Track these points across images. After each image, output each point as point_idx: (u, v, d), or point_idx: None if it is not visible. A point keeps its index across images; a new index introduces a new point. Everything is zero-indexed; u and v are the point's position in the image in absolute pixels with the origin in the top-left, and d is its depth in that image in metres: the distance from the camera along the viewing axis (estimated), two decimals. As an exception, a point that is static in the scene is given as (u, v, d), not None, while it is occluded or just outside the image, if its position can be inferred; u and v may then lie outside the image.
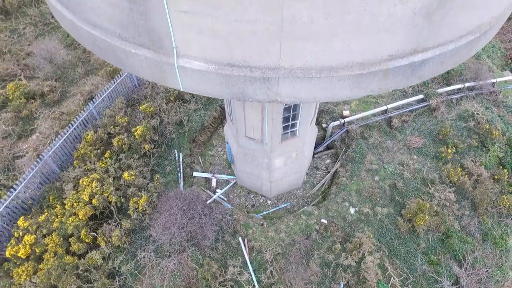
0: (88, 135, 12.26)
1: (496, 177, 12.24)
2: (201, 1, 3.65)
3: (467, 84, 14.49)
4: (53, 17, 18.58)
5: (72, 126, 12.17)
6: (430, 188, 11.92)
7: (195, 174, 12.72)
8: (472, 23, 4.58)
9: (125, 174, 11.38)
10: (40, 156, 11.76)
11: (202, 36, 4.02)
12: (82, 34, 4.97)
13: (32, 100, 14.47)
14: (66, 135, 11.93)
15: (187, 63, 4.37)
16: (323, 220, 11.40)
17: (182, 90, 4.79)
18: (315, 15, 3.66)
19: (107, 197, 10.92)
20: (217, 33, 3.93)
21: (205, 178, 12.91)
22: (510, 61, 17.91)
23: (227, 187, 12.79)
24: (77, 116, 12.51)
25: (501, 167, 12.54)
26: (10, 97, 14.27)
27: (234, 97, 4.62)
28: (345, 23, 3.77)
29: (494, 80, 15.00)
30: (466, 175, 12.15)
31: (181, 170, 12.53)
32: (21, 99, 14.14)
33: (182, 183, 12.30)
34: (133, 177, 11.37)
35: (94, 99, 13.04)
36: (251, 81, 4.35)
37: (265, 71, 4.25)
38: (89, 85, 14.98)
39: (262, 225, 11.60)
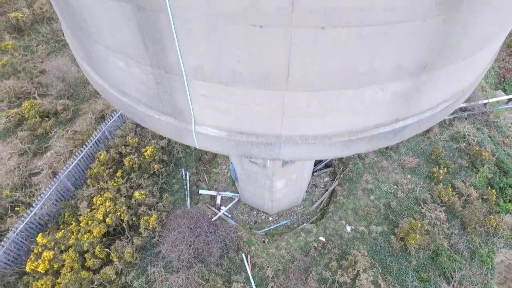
0: (101, 155, 13.06)
1: (484, 197, 13.00)
2: (217, 89, 4.44)
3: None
4: (63, 34, 19.37)
5: (86, 146, 12.97)
6: (422, 208, 12.69)
7: (201, 191, 13.53)
8: (446, 94, 5.35)
9: (136, 194, 12.19)
10: (56, 175, 12.58)
11: (217, 112, 4.81)
12: (111, 97, 5.76)
13: (46, 118, 15.28)
14: (80, 156, 12.73)
15: (203, 129, 5.16)
16: (321, 238, 12.19)
17: (197, 147, 5.59)
18: (312, 102, 4.44)
19: (120, 215, 11.73)
20: (229, 111, 4.72)
21: (210, 195, 13.71)
22: (503, 79, 18.63)
23: (231, 204, 13.58)
24: (90, 138, 13.30)
25: (489, 187, 13.29)
26: (26, 116, 15.08)
27: (242, 155, 5.41)
28: (337, 107, 4.56)
29: (486, 101, 15.74)
30: (457, 195, 12.92)
31: (188, 188, 13.33)
32: (36, 118, 14.95)
33: (189, 200, 13.11)
34: (144, 196, 12.18)
35: (106, 120, 13.84)
36: (257, 145, 5.14)
37: (268, 138, 5.04)
38: (100, 104, 15.78)
39: (264, 241, 12.40)
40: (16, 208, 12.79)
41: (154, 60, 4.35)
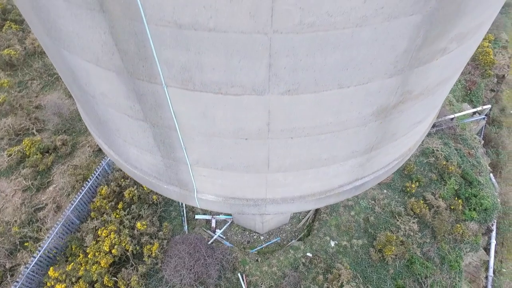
0: (102, 189, 14.22)
1: (452, 207, 14.62)
2: (214, 172, 5.77)
3: (428, 122, 16.86)
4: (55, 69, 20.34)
5: (89, 182, 14.11)
6: (397, 220, 14.23)
7: (197, 217, 14.81)
8: (394, 157, 6.79)
9: (138, 224, 13.40)
10: (60, 209, 13.69)
11: (214, 185, 6.14)
12: (124, 168, 7.03)
13: (47, 154, 16.31)
14: (83, 192, 13.87)
15: (203, 196, 6.48)
16: (308, 254, 13.62)
17: (199, 207, 6.91)
18: (287, 177, 5.81)
19: (124, 246, 12.93)
20: (224, 185, 6.06)
21: (206, 219, 15.00)
22: (469, 91, 20.37)
23: (225, 226, 14.90)
24: (92, 173, 14.43)
25: (456, 198, 14.92)
26: (27, 153, 16.10)
27: (235, 212, 6.75)
28: (308, 179, 5.94)
29: (452, 116, 17.40)
30: (427, 207, 14.50)
31: (185, 214, 14.60)
32: (37, 154, 15.99)
33: (186, 226, 14.38)
34: (145, 226, 13.40)
35: (105, 155, 14.98)
36: (247, 206, 6.49)
37: (256, 201, 6.40)
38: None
39: (257, 260, 13.76)
40: (25, 244, 13.85)
41: (164, 153, 5.65)
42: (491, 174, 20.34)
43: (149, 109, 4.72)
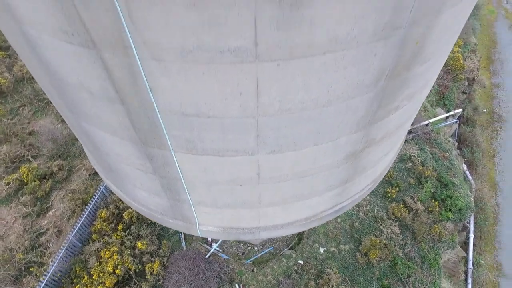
0: (102, 212, 15.03)
1: (430, 209, 15.90)
2: (214, 210, 6.75)
3: (405, 130, 18.13)
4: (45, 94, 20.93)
5: (88, 207, 14.89)
6: (380, 224, 15.43)
7: (193, 232, 15.71)
8: (368, 181, 7.88)
9: (139, 244, 14.26)
10: (62, 233, 14.44)
11: (214, 219, 7.13)
12: (131, 205, 7.96)
13: (44, 180, 16.98)
14: (84, 216, 14.65)
15: (204, 227, 7.46)
16: (300, 261, 14.70)
17: (200, 236, 7.88)
18: (277, 210, 6.84)
19: (127, 266, 13.78)
20: (223, 218, 7.05)
21: (202, 234, 15.92)
22: (442, 96, 21.77)
23: (221, 240, 15.86)
24: (91, 199, 15.21)
25: (433, 200, 16.21)
26: (25, 180, 16.74)
27: (233, 239, 7.74)
28: (294, 210, 6.97)
29: (427, 122, 18.71)
30: (407, 210, 15.74)
31: (182, 232, 15.50)
32: (35, 181, 16.64)
33: (184, 242, 15.29)
34: (145, 245, 14.27)
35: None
36: (243, 233, 7.49)
37: (251, 229, 7.40)
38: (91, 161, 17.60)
39: (253, 270, 14.78)
40: (30, 269, 14.56)
41: (170, 196, 6.61)
42: (468, 172, 21.84)
43: (158, 166, 5.68)
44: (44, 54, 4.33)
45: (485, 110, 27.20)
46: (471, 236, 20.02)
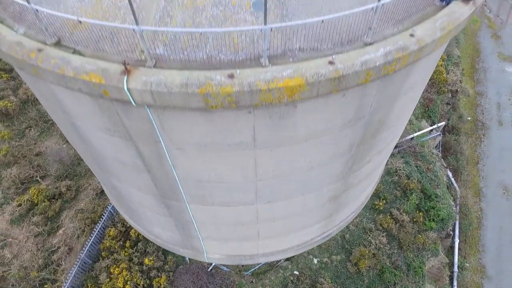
0: (110, 231, 16.20)
1: (414, 219, 17.27)
2: (220, 242, 8.01)
3: (391, 144, 19.48)
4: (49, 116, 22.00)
5: (97, 227, 16.06)
6: (369, 236, 16.75)
7: (196, 247, 16.95)
8: (351, 211, 9.17)
9: (146, 260, 15.47)
10: (77, 254, 15.61)
11: (220, 249, 8.39)
12: (145, 235, 9.18)
13: (53, 200, 18.10)
14: (94, 235, 15.81)
15: (211, 255, 8.72)
16: (295, 272, 16.00)
17: (207, 261, 9.13)
18: (272, 241, 8.11)
19: (136, 281, 14.98)
20: (227, 248, 8.31)
21: (204, 248, 17.16)
22: (427, 108, 23.16)
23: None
24: (100, 219, 16.37)
25: (418, 211, 17.57)
26: (35, 201, 17.84)
27: (236, 264, 9.01)
28: (287, 240, 8.25)
29: (412, 136, 20.06)
30: (393, 221, 17.08)
31: (185, 246, 16.72)
32: (45, 202, 17.76)
33: (188, 257, 16.49)
34: (152, 261, 15.48)
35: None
36: (244, 259, 8.76)
37: (251, 256, 8.68)
38: (97, 180, 18.75)
39: (252, 282, 16.05)
40: (45, 286, 15.71)
41: (182, 233, 7.86)
42: (453, 179, 23.30)
43: (174, 212, 6.93)
44: (87, 137, 5.55)
45: (469, 118, 28.65)
46: (456, 241, 21.43)
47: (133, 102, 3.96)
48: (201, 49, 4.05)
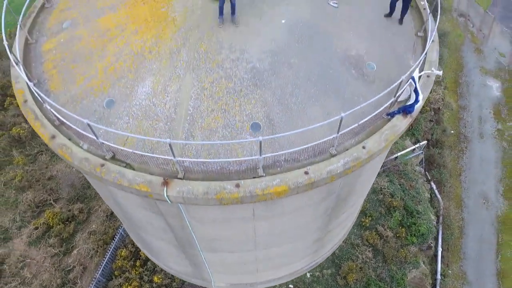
0: (122, 251, 17.95)
1: (397, 235, 19.18)
2: (227, 275, 9.84)
3: (377, 164, 21.37)
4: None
5: (111, 248, 17.80)
6: (356, 251, 18.64)
7: (199, 264, 18.76)
8: (334, 242, 11.00)
9: (155, 278, 17.24)
10: (92, 274, 17.35)
11: (226, 279, 10.20)
12: (161, 267, 10.96)
13: (67, 222, 19.79)
14: (107, 256, 17.55)
15: (218, 284, 10.53)
16: (290, 286, 17.84)
17: (214, 288, 10.95)
18: (269, 272, 9.94)
19: (147, 297, 16.76)
20: (232, 279, 10.12)
21: (207, 265, 18.97)
22: (411, 127, 25.08)
23: (223, 269, 18.92)
24: (112, 240, 18.11)
25: (400, 227, 19.47)
26: (51, 223, 19.53)
27: (238, 289, 10.83)
28: (281, 271, 10.08)
29: (396, 155, 21.96)
30: (379, 237, 18.97)
31: (190, 263, 18.52)
32: (59, 224, 19.46)
33: (192, 273, 18.30)
34: (161, 279, 17.25)
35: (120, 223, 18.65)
36: (246, 286, 10.59)
37: (252, 284, 10.50)
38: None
39: (251, 295, 17.86)
40: (63, 303, 17.43)
41: (194, 268, 9.66)
42: (437, 191, 25.26)
43: (189, 256, 8.73)
44: (126, 208, 7.33)
45: (452, 131, 30.59)
46: (439, 249, 23.38)
47: (169, 202, 5.74)
48: (215, 160, 5.84)
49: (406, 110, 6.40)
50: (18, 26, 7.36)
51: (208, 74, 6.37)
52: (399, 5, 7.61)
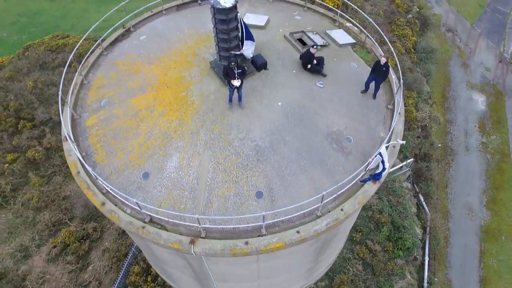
0: (134, 268, 19.85)
1: (385, 249, 21.18)
2: (232, 297, 11.77)
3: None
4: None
5: (125, 265, 19.70)
6: (348, 264, 20.61)
7: (205, 278, 20.71)
8: (324, 267, 12.95)
9: (166, 292, 19.13)
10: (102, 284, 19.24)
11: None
12: (172, 285, 12.90)
13: (82, 240, 21.65)
14: (122, 273, 19.45)
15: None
16: (288, 297, 19.79)
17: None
18: (269, 295, 11.90)
19: (159, 310, 18.65)
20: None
21: (212, 278, 20.92)
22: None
23: None
24: (125, 258, 20.00)
25: (388, 241, 21.47)
26: (67, 242, 21.38)
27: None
28: (279, 294, 12.04)
29: (384, 173, 23.94)
30: (368, 251, 20.96)
31: (196, 277, 20.46)
32: (75, 243, 21.32)
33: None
34: (171, 293, 19.16)
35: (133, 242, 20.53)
36: (249, 306, 12.53)
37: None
38: (119, 222, 22.35)
39: (253, 306, 19.81)
40: (82, 316, 19.32)
41: (207, 293, 11.59)
42: (424, 203, 27.30)
43: (204, 284, 10.66)
44: (155, 252, 9.23)
45: (439, 145, 32.66)
46: (426, 258, 25.43)
47: (194, 255, 7.66)
48: (228, 224, 7.76)
49: (375, 177, 8.33)
50: (62, 103, 9.25)
51: (221, 151, 8.29)
52: (373, 84, 9.54)
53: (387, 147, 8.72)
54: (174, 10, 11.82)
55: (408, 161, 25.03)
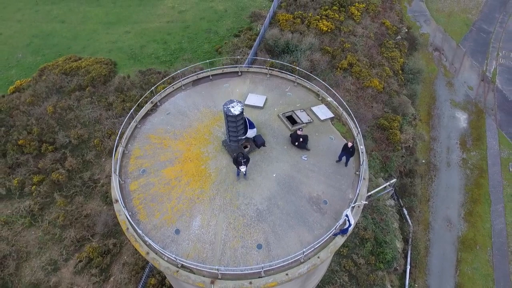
0: (151, 280, 23.24)
1: (368, 262, 24.59)
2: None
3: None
4: (90, 178, 28.67)
5: (143, 278, 23.08)
6: (335, 276, 24.03)
7: (212, 288, 24.13)
8: (316, 281, 16.29)
9: (179, 301, 22.53)
10: (129, 299, 22.64)
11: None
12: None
13: (104, 255, 25.00)
14: (140, 285, 22.82)
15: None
16: (284, 305, 23.22)
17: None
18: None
19: (173, 317, 22.06)
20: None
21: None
22: (384, 164, 30.38)
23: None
24: (144, 271, 23.37)
25: (371, 255, 24.87)
26: (91, 257, 24.74)
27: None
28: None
29: (369, 193, 27.27)
30: (353, 264, 24.37)
31: (204, 288, 23.89)
32: (98, 257, 24.68)
33: (206, 295, 23.68)
34: (183, 302, 22.57)
35: (148, 256, 23.91)
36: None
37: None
38: (136, 238, 25.71)
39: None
40: (107, 322, 22.75)
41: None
42: (408, 216, 30.70)
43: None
44: (181, 283, 12.52)
45: (423, 161, 35.99)
46: (408, 266, 28.90)
47: (214, 291, 10.96)
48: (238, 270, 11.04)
49: (343, 232, 11.63)
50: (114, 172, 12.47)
51: (231, 214, 11.57)
52: (346, 155, 12.80)
53: (352, 208, 12.01)
54: (191, 86, 15.00)
55: (392, 181, 28.37)
